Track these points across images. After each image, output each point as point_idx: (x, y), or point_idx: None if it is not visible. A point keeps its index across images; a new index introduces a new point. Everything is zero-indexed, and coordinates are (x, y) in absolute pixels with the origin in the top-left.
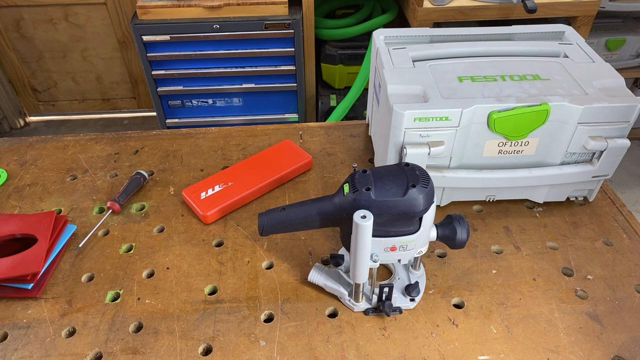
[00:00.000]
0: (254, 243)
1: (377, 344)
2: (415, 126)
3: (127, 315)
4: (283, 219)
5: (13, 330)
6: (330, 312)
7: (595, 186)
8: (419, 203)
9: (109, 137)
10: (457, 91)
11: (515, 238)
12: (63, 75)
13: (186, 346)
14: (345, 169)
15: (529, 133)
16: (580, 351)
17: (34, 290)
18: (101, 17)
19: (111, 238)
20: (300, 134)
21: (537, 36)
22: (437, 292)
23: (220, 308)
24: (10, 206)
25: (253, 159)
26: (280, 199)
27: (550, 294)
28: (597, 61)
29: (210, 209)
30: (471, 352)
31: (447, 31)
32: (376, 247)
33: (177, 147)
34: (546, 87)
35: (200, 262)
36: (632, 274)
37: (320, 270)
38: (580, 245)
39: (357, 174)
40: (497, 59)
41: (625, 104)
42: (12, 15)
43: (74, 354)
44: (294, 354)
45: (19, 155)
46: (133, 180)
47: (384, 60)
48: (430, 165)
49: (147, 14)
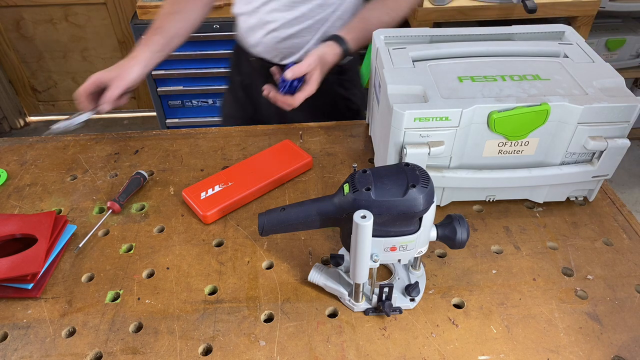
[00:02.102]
0: (254, 243)
1: (377, 344)
2: (415, 126)
3: (127, 315)
4: (283, 219)
5: (13, 330)
6: (330, 312)
7: (595, 186)
8: (419, 203)
9: (109, 137)
10: (457, 91)
11: (515, 238)
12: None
13: (186, 346)
14: (345, 169)
15: (529, 133)
16: (580, 351)
17: (34, 290)
18: (101, 17)
19: (111, 238)
20: (300, 134)
21: (537, 36)
22: (437, 292)
23: (220, 308)
24: (10, 206)
25: (253, 159)
26: (280, 199)
27: (550, 294)
28: (597, 61)
29: (210, 209)
30: (471, 352)
31: (447, 31)
32: (376, 247)
33: (177, 147)
34: (546, 87)
35: (200, 262)
36: (632, 274)
37: (320, 270)
38: (580, 245)
39: (357, 174)
40: (497, 59)
41: (625, 104)
42: (12, 15)
43: (74, 354)
44: (294, 354)
45: (19, 155)
46: (133, 180)
47: (384, 60)
48: (430, 165)
49: (147, 14)
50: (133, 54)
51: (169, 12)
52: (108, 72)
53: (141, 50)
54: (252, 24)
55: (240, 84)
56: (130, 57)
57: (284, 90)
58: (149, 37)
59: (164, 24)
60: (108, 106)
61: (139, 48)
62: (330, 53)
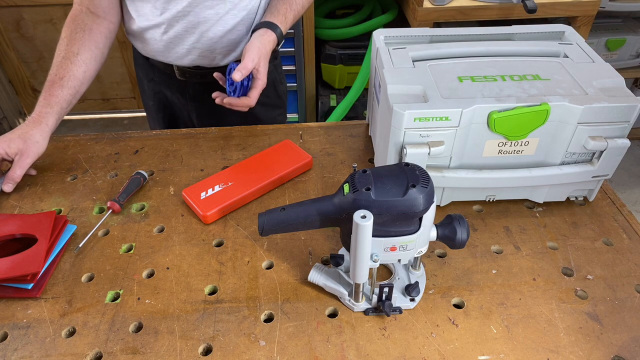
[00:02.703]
0: (254, 243)
1: (377, 344)
2: (415, 126)
3: (127, 315)
4: (283, 219)
5: (13, 330)
6: (330, 312)
7: (595, 186)
8: (419, 203)
9: (109, 137)
10: (457, 91)
11: (515, 238)
12: None
13: (186, 346)
14: (345, 169)
15: (529, 133)
16: (580, 351)
17: (34, 290)
18: None
19: (111, 238)
20: (300, 134)
21: (537, 36)
22: (437, 292)
23: (220, 308)
24: (10, 206)
25: (253, 159)
26: (280, 199)
27: (550, 294)
28: (597, 61)
29: (210, 209)
30: (471, 352)
31: (447, 31)
32: (376, 247)
33: (177, 147)
34: (546, 87)
35: (200, 262)
36: (632, 274)
37: (320, 270)
38: (580, 245)
39: (357, 174)
40: (497, 59)
41: (625, 104)
42: (12, 15)
43: (74, 354)
44: (294, 354)
45: None
46: (133, 180)
47: (384, 60)
48: (430, 165)
49: None
50: (36, 117)
51: (68, 55)
52: (11, 144)
53: (45, 113)
54: (175, 33)
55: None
56: (33, 121)
57: (237, 93)
58: (52, 92)
59: (66, 72)
60: (11, 187)
61: (42, 110)
62: (267, 41)
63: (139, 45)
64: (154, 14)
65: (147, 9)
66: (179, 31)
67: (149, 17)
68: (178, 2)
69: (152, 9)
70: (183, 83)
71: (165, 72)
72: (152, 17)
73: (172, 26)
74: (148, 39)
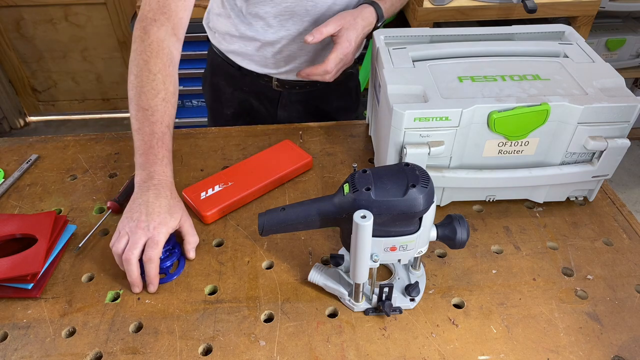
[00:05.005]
0: (254, 243)
1: (377, 344)
2: (415, 126)
3: (127, 315)
4: (283, 219)
5: (13, 330)
6: (330, 312)
7: (595, 186)
8: (419, 203)
9: (109, 137)
10: (457, 91)
11: (515, 238)
12: (63, 75)
13: (186, 346)
14: (345, 169)
15: (529, 133)
16: (580, 351)
17: (34, 290)
18: (101, 17)
19: (111, 238)
20: (300, 134)
21: (537, 36)
22: (437, 292)
23: (220, 308)
24: (10, 206)
25: (253, 159)
26: (280, 199)
27: (550, 294)
28: (597, 61)
29: (210, 209)
30: (471, 352)
31: (447, 31)
32: (376, 247)
33: (177, 147)
34: (546, 87)
35: (200, 262)
36: (632, 274)
37: (320, 270)
38: (580, 245)
39: (357, 174)
40: (497, 59)
41: (625, 104)
42: (12, 15)
43: (74, 354)
44: (294, 354)
45: (19, 155)
46: (133, 180)
47: (384, 60)
48: (430, 165)
49: None
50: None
51: (167, 97)
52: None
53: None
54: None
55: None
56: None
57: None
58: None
59: (171, 120)
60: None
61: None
62: (364, 14)
63: (237, 58)
64: (267, 31)
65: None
66: (294, 50)
67: (267, 34)
68: (297, 22)
69: (265, 26)
70: (278, 93)
71: (260, 82)
72: (267, 34)
73: (287, 46)
74: (256, 55)
